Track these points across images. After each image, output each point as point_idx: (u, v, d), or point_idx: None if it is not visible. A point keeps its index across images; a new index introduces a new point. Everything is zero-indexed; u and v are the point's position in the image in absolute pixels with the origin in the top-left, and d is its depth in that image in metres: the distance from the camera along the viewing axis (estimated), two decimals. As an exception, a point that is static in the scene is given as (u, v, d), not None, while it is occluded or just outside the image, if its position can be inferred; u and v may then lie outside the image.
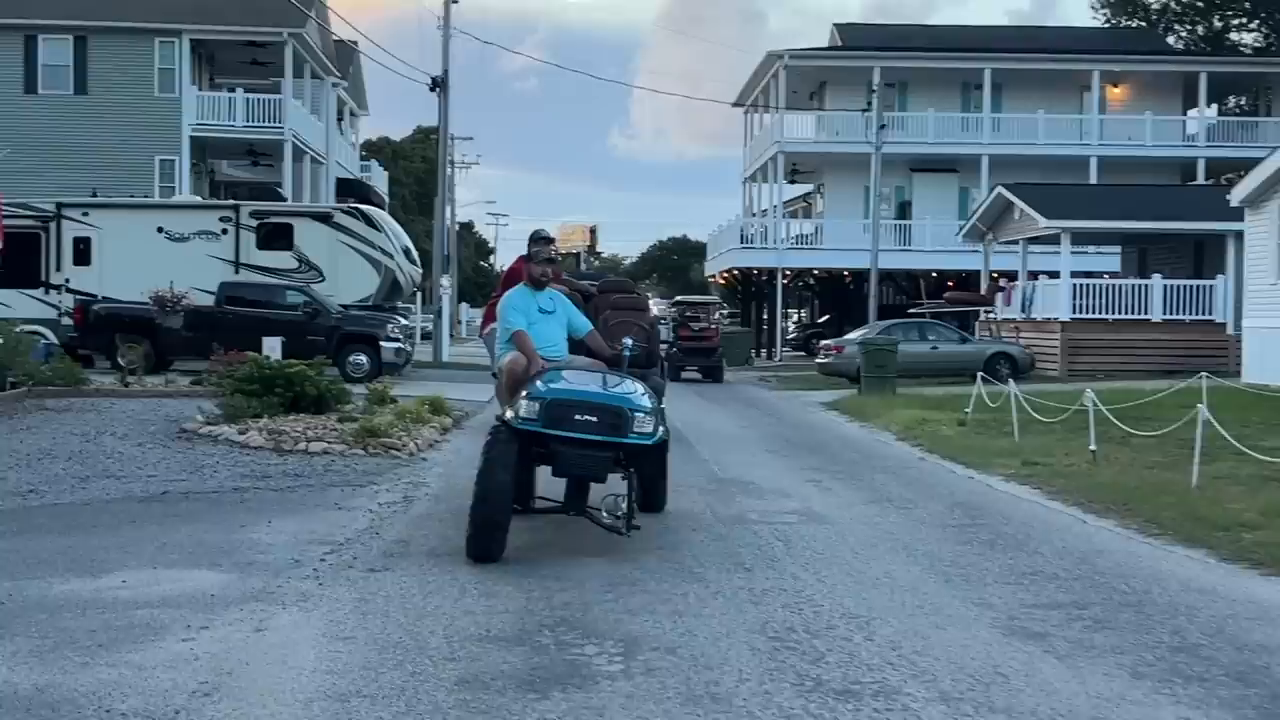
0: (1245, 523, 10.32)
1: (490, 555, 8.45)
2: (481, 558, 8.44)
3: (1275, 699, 5.88)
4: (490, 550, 8.46)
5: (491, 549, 8.46)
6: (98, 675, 6.00)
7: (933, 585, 8.32)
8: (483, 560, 8.38)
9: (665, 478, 10.62)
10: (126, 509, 11.05)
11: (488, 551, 8.45)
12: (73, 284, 29.11)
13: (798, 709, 5.58)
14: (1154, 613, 7.59)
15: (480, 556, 8.46)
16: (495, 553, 8.46)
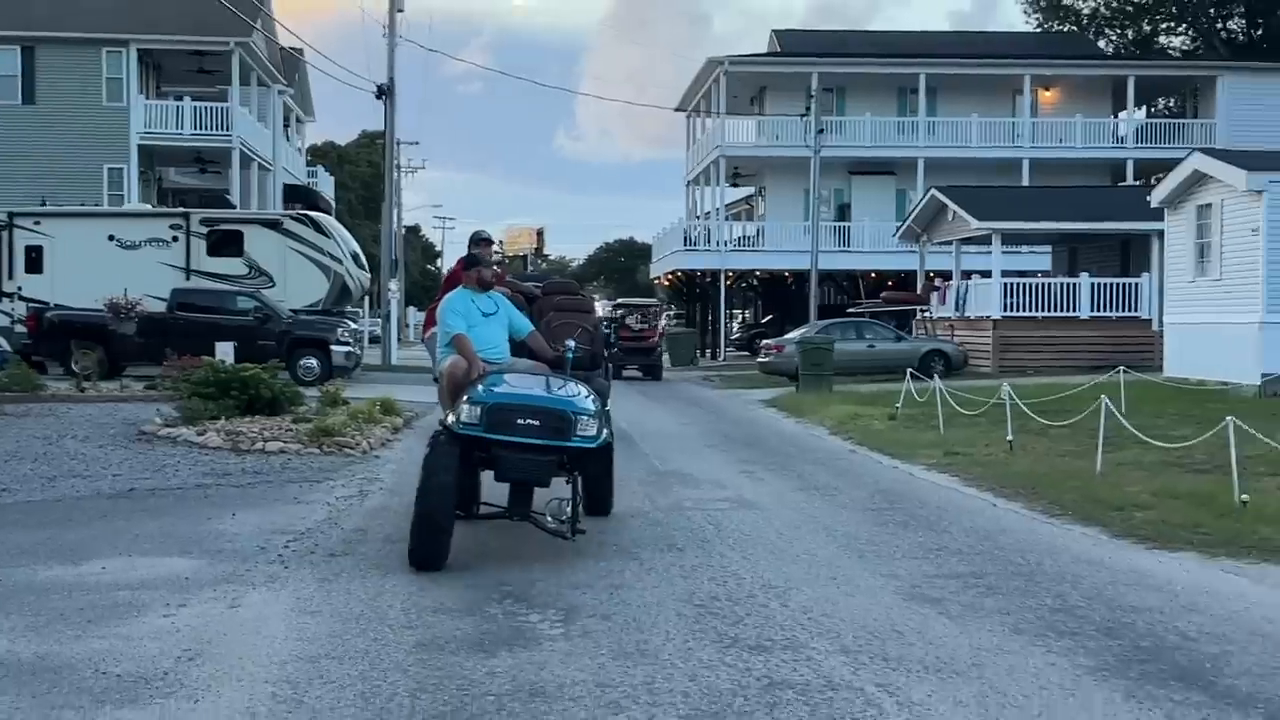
0: (1138, 503, 11.23)
1: (433, 563, 8.37)
2: (424, 565, 8.36)
3: (1136, 649, 6.72)
4: (433, 558, 8.37)
5: (434, 557, 8.37)
6: (90, 645, 6.69)
7: (847, 560, 9.14)
8: (425, 568, 8.31)
9: (611, 480, 10.50)
10: (96, 505, 11.69)
11: (431, 559, 8.37)
12: (25, 292, 29.48)
13: (715, 660, 6.37)
14: (1042, 580, 8.45)
15: (423, 564, 8.37)
16: (438, 560, 8.38)
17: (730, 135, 48.63)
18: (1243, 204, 23.49)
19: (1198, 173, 24.90)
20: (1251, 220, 23.23)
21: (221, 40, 39.45)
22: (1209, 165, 24.47)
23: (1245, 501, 10.64)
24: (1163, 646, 6.76)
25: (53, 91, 39.08)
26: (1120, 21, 61.30)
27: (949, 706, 5.69)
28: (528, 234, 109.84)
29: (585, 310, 11.59)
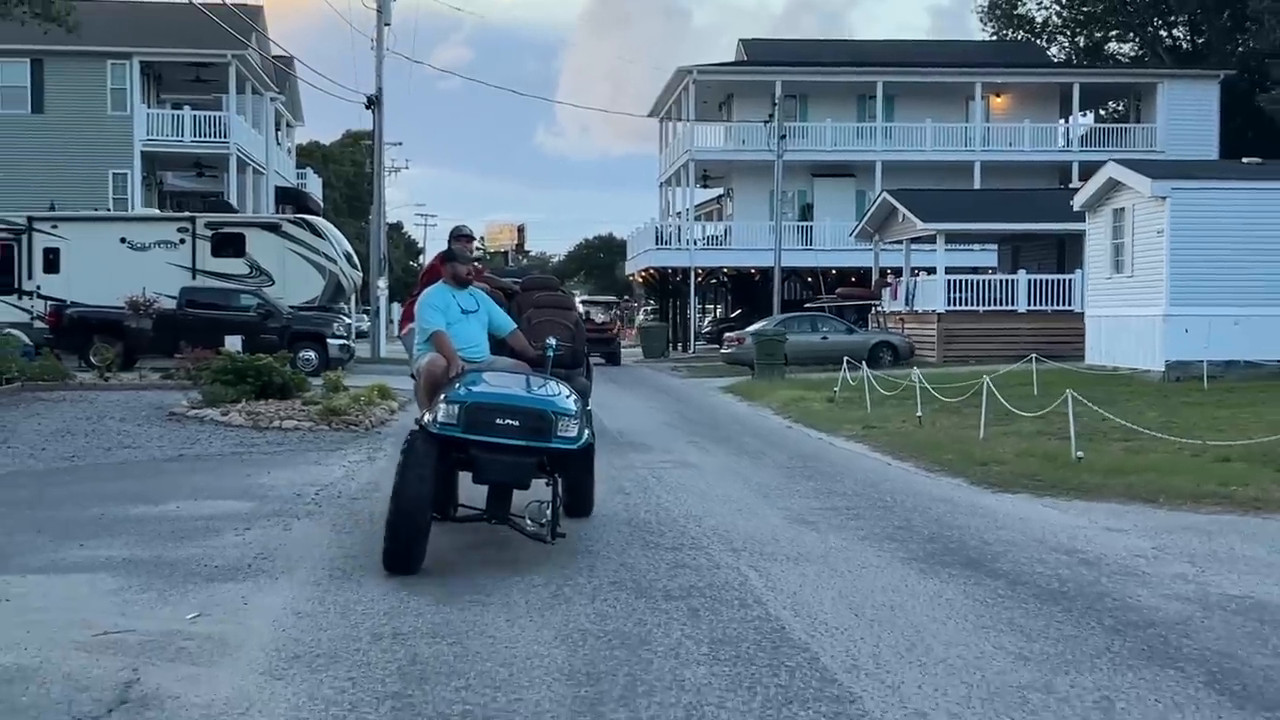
0: (1001, 460, 13.90)
1: (408, 567, 8.16)
2: (398, 569, 8.14)
3: (944, 549, 9.30)
4: (408, 562, 8.17)
5: (409, 561, 8.17)
6: (189, 551, 9.25)
7: (754, 499, 11.78)
8: (400, 572, 8.10)
9: (592, 481, 10.40)
10: (153, 466, 14.28)
11: (405, 563, 8.17)
12: (43, 290, 31.98)
13: (639, 555, 8.97)
14: (898, 511, 11.10)
15: (397, 568, 8.16)
16: (414, 565, 8.18)
17: (699, 140, 51.36)
18: (1150, 209, 26.20)
19: (1112, 180, 27.60)
20: (1157, 223, 25.93)
21: (219, 53, 41.93)
22: (1121, 174, 27.17)
23: (1080, 458, 13.33)
24: (964, 548, 9.41)
25: (60, 101, 41.51)
26: (1072, 29, 64.25)
27: (795, 578, 8.30)
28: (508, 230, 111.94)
29: (566, 307, 11.43)
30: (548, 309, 11.05)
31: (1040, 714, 5.48)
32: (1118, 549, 9.29)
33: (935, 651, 6.46)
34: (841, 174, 51.22)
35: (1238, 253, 25.36)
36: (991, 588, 8.01)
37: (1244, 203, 25.76)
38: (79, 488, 12.59)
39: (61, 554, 9.07)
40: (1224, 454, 13.28)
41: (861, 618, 7.18)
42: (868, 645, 6.57)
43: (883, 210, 39.10)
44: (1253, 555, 9.05)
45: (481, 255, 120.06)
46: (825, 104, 51.30)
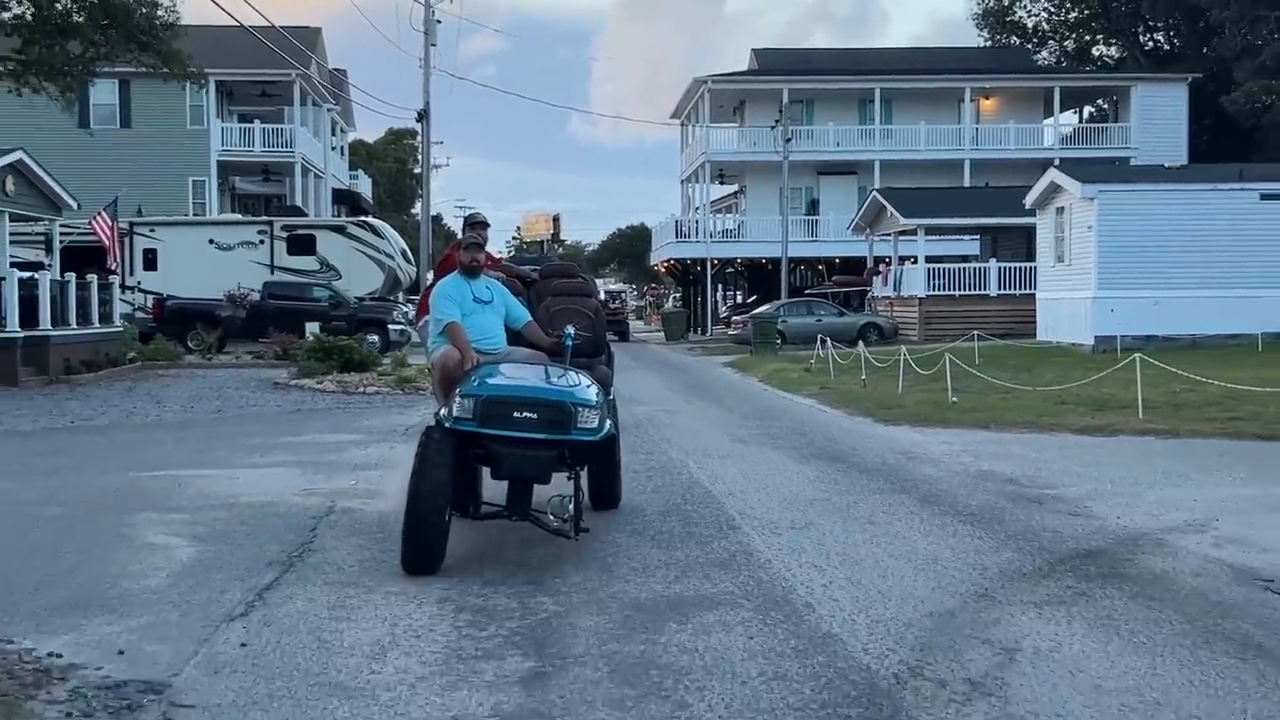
0: (902, 406, 18.85)
1: (427, 567, 7.87)
2: (417, 570, 7.86)
3: (824, 453, 14.26)
4: (427, 562, 7.89)
5: (428, 560, 7.89)
6: (332, 458, 14.29)
7: (713, 431, 16.82)
8: (419, 573, 7.81)
9: (618, 473, 10.28)
10: (280, 416, 19.43)
11: (424, 563, 7.89)
12: (144, 285, 37.26)
13: (626, 456, 14.02)
14: (808, 435, 16.10)
15: (415, 569, 7.87)
16: (433, 564, 7.89)
17: (714, 143, 56.37)
18: (1082, 208, 31.02)
19: (1053, 183, 32.44)
20: (1087, 220, 30.75)
21: (285, 72, 47.13)
22: (1059, 178, 31.99)
23: (954, 402, 18.31)
24: (837, 451, 14.39)
25: (145, 117, 46.83)
26: (1060, 34, 68.83)
27: (718, 465, 13.27)
28: (544, 220, 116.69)
29: (586, 294, 11.06)
30: (566, 296, 10.59)
31: (812, 508, 10.49)
32: (935, 451, 14.28)
33: (776, 489, 11.50)
34: (845, 172, 56.08)
35: (1155, 244, 30.13)
36: (836, 468, 13.02)
37: (1161, 202, 30.53)
38: (236, 428, 17.76)
39: (252, 460, 14.18)
40: (1061, 398, 18.24)
41: (746, 479, 12.20)
42: (741, 487, 11.60)
43: (874, 207, 43.98)
44: (1019, 453, 13.98)
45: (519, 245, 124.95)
46: (830, 108, 56.19)
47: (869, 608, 7.09)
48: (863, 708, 5.38)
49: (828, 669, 5.93)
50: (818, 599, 7.30)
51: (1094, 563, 8.27)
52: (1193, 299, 29.87)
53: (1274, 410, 16.25)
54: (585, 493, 8.88)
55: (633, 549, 8.75)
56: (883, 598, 7.32)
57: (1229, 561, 8.24)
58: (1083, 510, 10.24)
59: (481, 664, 6.05)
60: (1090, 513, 10.13)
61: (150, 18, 23.62)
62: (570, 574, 7.96)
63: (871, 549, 8.78)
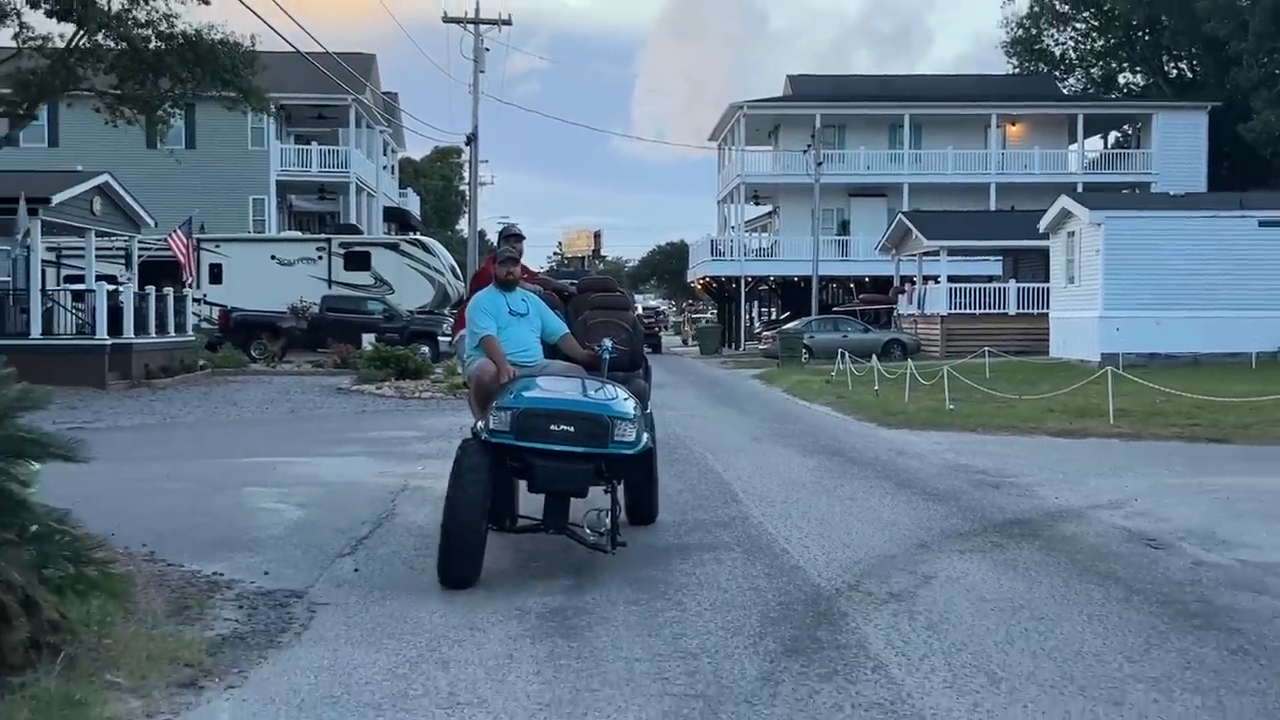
0: (906, 413, 20.89)
1: (465, 580, 7.93)
2: (454, 583, 7.92)
3: (827, 449, 16.37)
4: (464, 575, 7.95)
5: (465, 573, 7.95)
6: (399, 450, 16.53)
7: (733, 433, 18.95)
8: (456, 587, 7.88)
9: (654, 487, 10.27)
10: (347, 416, 21.71)
11: (461, 576, 7.94)
12: (209, 298, 39.73)
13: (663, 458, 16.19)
14: (816, 435, 18.22)
15: (452, 582, 7.93)
16: (470, 578, 7.95)
17: (749, 166, 58.57)
18: (1090, 233, 32.96)
19: (1064, 210, 34.40)
20: (1095, 244, 32.68)
21: (341, 96, 49.64)
22: (1070, 205, 33.96)
23: (952, 409, 20.37)
24: (839, 448, 16.50)
25: (209, 138, 49.39)
26: (1086, 62, 70.72)
27: (733, 458, 15.38)
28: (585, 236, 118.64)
29: (623, 307, 11.02)
30: (603, 310, 10.56)
31: (804, 489, 12.62)
32: (924, 448, 16.36)
33: (778, 475, 13.64)
34: (874, 194, 58.12)
35: (1159, 267, 32.00)
36: (834, 461, 15.15)
37: (1163, 228, 32.41)
38: (309, 426, 20.05)
39: (330, 450, 16.41)
40: (1049, 406, 20.28)
41: (754, 468, 14.35)
42: (748, 474, 13.74)
43: (900, 229, 46.02)
44: (996, 451, 16.05)
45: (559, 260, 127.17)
46: (860, 133, 58.27)
47: (830, 551, 9.23)
48: (807, 605, 7.55)
49: (789, 585, 8.10)
50: (793, 547, 9.45)
51: (1020, 527, 10.37)
52: (1194, 319, 31.71)
53: (1230, 418, 18.24)
54: (621, 506, 8.96)
55: (652, 513, 10.90)
56: (843, 546, 9.47)
57: (1128, 527, 10.32)
58: (1029, 493, 12.32)
59: (535, 581, 8.26)
60: (1035, 494, 12.21)
61: (233, 57, 26.03)
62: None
63: (844, 516, 10.93)
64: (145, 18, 25.13)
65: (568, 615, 7.32)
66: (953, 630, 6.95)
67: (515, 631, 6.99)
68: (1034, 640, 6.74)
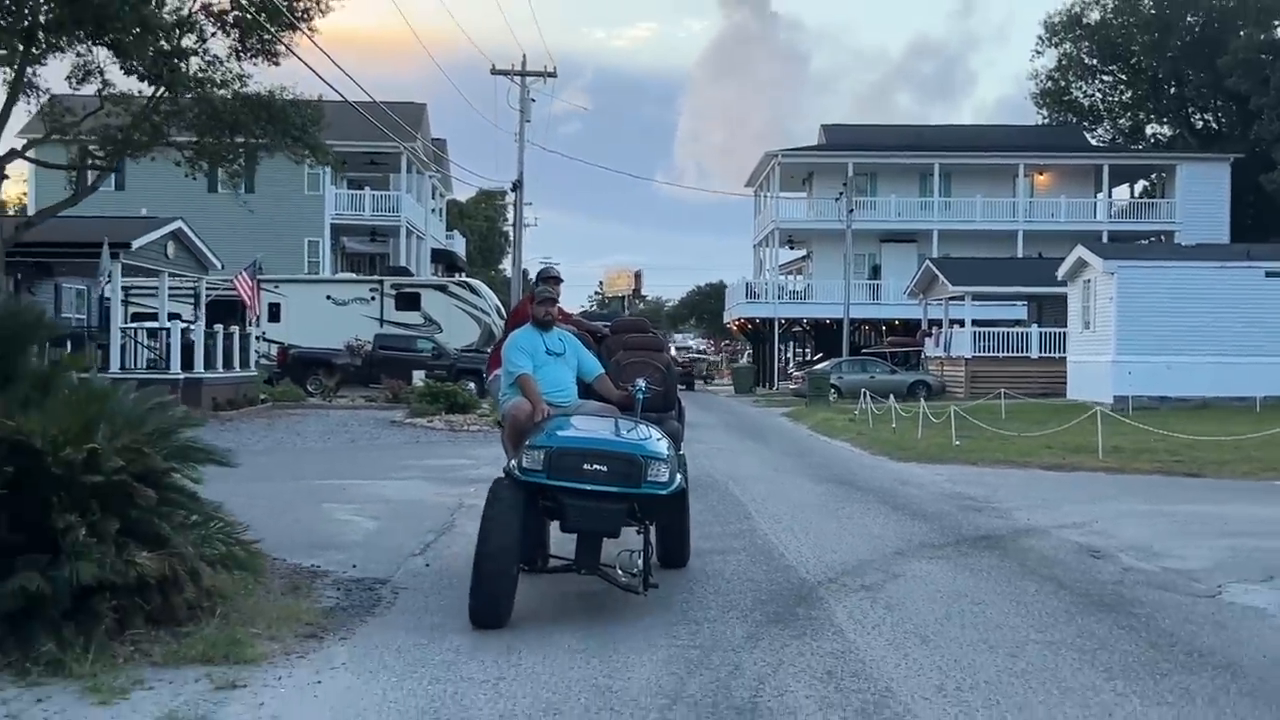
0: (916, 448, 22.65)
1: (496, 620, 7.91)
2: (485, 623, 7.90)
3: (840, 479, 18.17)
4: (495, 615, 7.92)
5: (496, 614, 7.93)
6: (453, 475, 18.45)
7: (756, 463, 20.78)
8: (487, 627, 7.87)
9: (687, 529, 10.23)
10: (403, 446, 23.67)
11: (493, 616, 7.92)
12: (268, 335, 41.89)
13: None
14: (830, 466, 20.02)
15: (484, 622, 7.91)
16: (501, 617, 7.93)
17: (784, 212, 60.63)
18: (1104, 281, 34.67)
19: (1080, 259, 36.14)
20: (1109, 291, 34.38)
21: (393, 144, 51.99)
22: (1085, 254, 35.70)
23: (958, 445, 22.14)
24: (850, 478, 18.30)
25: (268, 183, 51.63)
26: (1114, 113, 72.46)
27: (753, 485, 17.22)
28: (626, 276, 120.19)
29: (657, 348, 11.11)
30: (638, 350, 10.66)
31: (809, 510, 14.44)
32: (926, 479, 18.15)
33: (788, 498, 15.47)
34: (905, 240, 59.95)
35: (1169, 314, 33.68)
36: (841, 488, 16.96)
37: (1174, 277, 34.11)
38: (370, 454, 22.02)
39: (391, 474, 18.35)
40: (1048, 443, 22.02)
41: (768, 492, 16.18)
42: (762, 497, 15.57)
43: (927, 275, 47.81)
44: (989, 481, 17.80)
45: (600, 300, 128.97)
46: (892, 181, 60.19)
47: (820, 556, 11.08)
48: (792, 591, 9.41)
49: (781, 578, 9.95)
50: (789, 552, 11.29)
51: (987, 541, 12.16)
52: (1203, 364, 33.32)
53: (1211, 455, 19.95)
54: (654, 548, 8.92)
55: (675, 526, 12.75)
56: (831, 552, 11.31)
57: (1080, 542, 12.08)
58: (1006, 515, 14.10)
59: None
60: (1010, 516, 13.99)
61: (302, 116, 28.22)
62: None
63: (839, 530, 12.77)
64: (220, 78, 27.33)
65: (598, 595, 9.16)
66: (903, 610, 8.79)
67: (558, 602, 8.88)
68: (967, 618, 8.55)
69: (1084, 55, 70.90)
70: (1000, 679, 6.97)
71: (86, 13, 22.19)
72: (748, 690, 6.69)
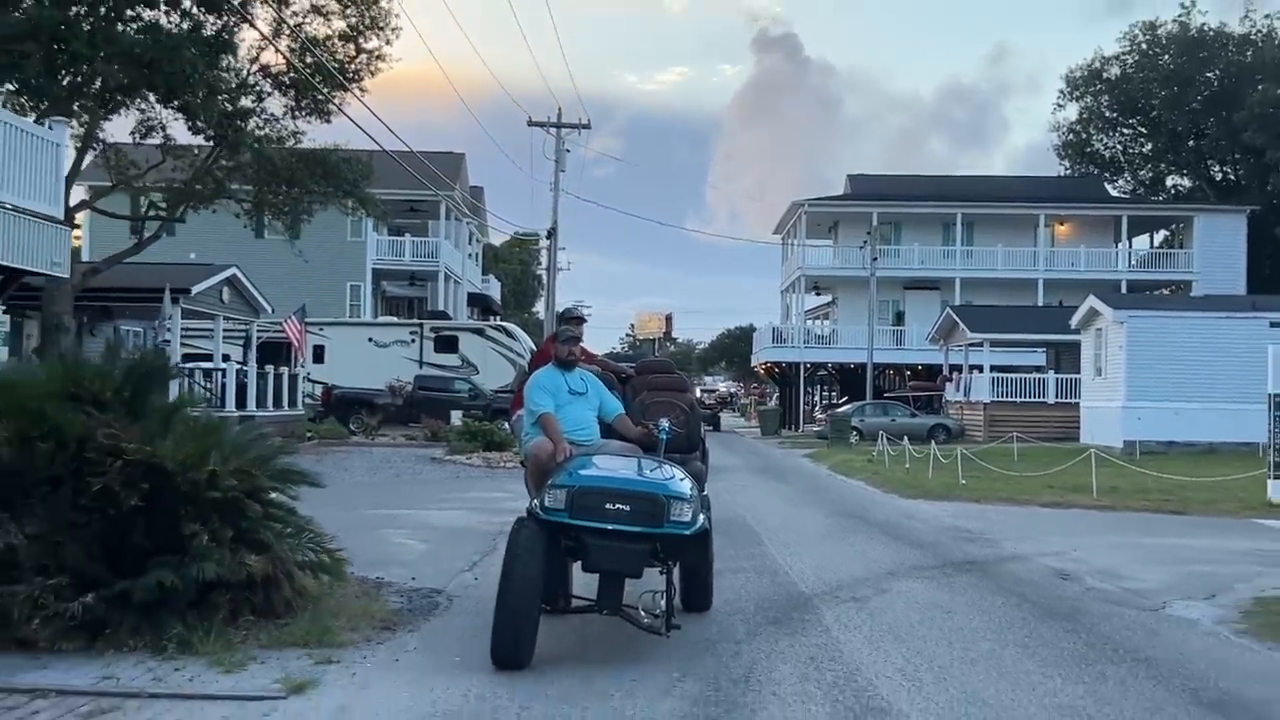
0: (924, 486, 24.12)
1: (517, 661, 7.91)
2: (507, 664, 7.90)
3: (853, 515, 19.68)
4: (517, 656, 7.92)
5: (518, 654, 7.91)
6: (493, 506, 19.99)
7: (771, 499, 22.31)
8: (508, 667, 7.88)
9: (710, 570, 10.18)
10: (445, 481, 25.32)
11: (514, 657, 7.91)
12: (312, 375, 43.69)
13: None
14: (844, 502, 21.53)
15: (505, 663, 7.91)
16: (523, 659, 7.93)
17: (810, 259, 62.37)
18: (1115, 330, 36.10)
19: (1092, 309, 37.58)
20: (1119, 340, 35.80)
21: (433, 194, 53.97)
22: (1097, 304, 37.14)
23: (964, 483, 23.62)
24: (858, 512, 19.80)
25: (313, 230, 53.06)
26: (1135, 164, 73.98)
27: (769, 517, 18.73)
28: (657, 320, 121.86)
29: (681, 389, 11.15)
30: (662, 391, 10.74)
31: (817, 539, 15.97)
32: (930, 514, 19.64)
33: (799, 529, 17.00)
34: (928, 287, 61.49)
35: (1177, 362, 35.04)
36: (850, 520, 18.48)
37: (1181, 326, 35.50)
38: (415, 487, 23.66)
39: (437, 505, 19.96)
40: (1049, 483, 23.48)
41: (781, 523, 17.70)
42: (776, 528, 17.10)
43: (947, 322, 49.31)
44: (987, 516, 19.27)
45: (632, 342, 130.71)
46: (915, 230, 61.83)
47: (820, 575, 12.63)
48: (791, 601, 10.97)
49: (783, 591, 11.52)
50: (794, 570, 12.85)
51: (972, 565, 13.68)
52: (1209, 410, 34.64)
53: (1199, 495, 21.38)
54: (677, 589, 8.86)
55: (694, 550, 14.31)
56: (831, 572, 12.85)
57: (1055, 567, 13.58)
58: (994, 544, 15.60)
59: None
60: (998, 545, 15.49)
61: (354, 171, 30.12)
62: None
63: (841, 554, 14.31)
64: (276, 135, 29.23)
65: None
66: (883, 616, 10.34)
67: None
68: (937, 623, 10.09)
69: (1105, 109, 72.58)
70: (952, 665, 8.51)
71: (158, 78, 24.11)
72: (743, 669, 8.27)
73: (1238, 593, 11.88)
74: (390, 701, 7.36)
